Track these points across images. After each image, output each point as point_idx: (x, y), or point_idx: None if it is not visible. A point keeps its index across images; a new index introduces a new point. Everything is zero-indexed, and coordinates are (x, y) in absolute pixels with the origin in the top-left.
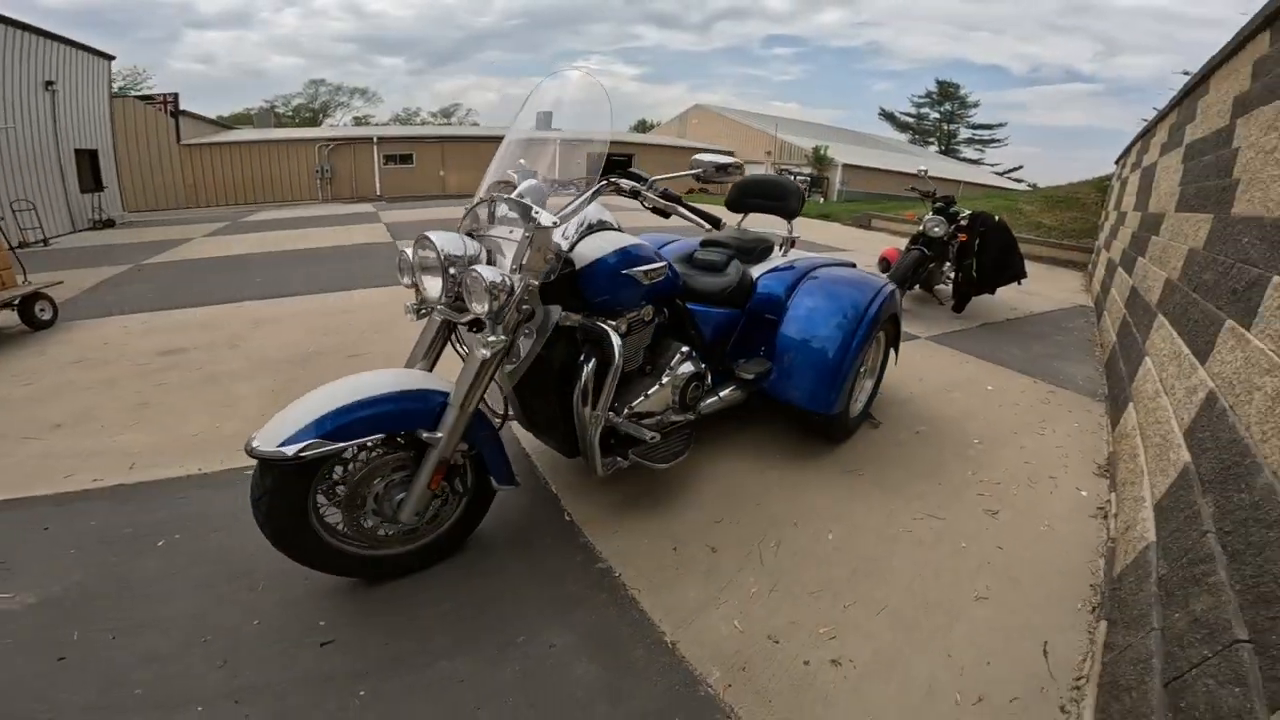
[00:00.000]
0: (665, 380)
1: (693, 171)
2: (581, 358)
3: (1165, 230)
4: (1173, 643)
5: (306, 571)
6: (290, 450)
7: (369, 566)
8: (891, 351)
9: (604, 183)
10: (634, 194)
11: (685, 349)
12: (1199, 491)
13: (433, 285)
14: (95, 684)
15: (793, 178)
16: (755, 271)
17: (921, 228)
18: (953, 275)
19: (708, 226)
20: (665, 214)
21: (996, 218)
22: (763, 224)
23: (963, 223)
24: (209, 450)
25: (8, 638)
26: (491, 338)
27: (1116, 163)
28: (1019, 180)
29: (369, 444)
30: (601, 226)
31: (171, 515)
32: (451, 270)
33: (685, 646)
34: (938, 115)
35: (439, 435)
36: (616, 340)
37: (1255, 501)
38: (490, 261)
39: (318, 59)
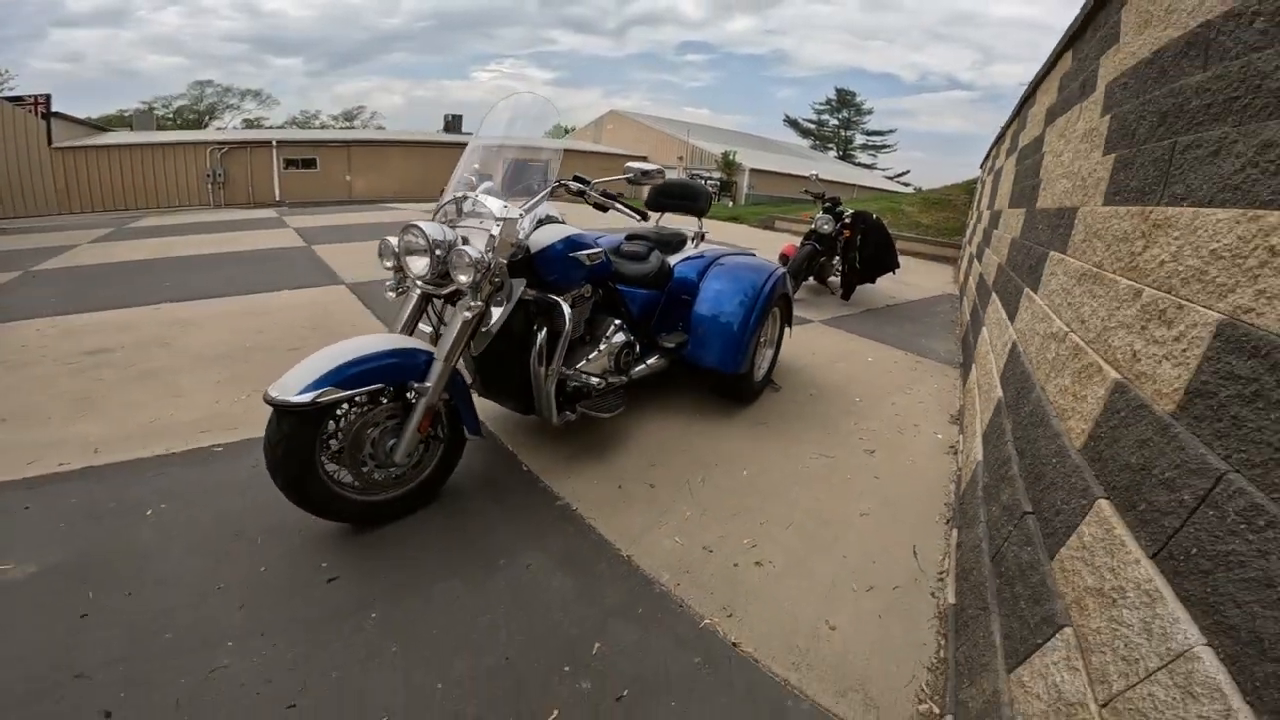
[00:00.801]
0: (603, 348)
1: (624, 176)
2: (535, 327)
3: (1002, 224)
4: (993, 528)
5: (300, 525)
6: (308, 397)
7: (365, 511)
8: (786, 327)
9: (557, 184)
10: (580, 193)
11: (617, 322)
12: (1004, 415)
13: (418, 265)
14: (123, 636)
15: (704, 182)
16: (672, 260)
17: (813, 225)
18: (841, 268)
19: (637, 218)
20: (604, 209)
21: (875, 216)
22: (677, 222)
23: (847, 220)
24: (170, 435)
25: (23, 603)
26: (473, 302)
27: (981, 167)
28: (906, 184)
29: (361, 398)
30: (549, 220)
31: (151, 490)
32: (437, 252)
33: (639, 559)
34: (836, 122)
35: (428, 385)
36: (567, 310)
37: (1030, 411)
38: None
39: (201, 59)
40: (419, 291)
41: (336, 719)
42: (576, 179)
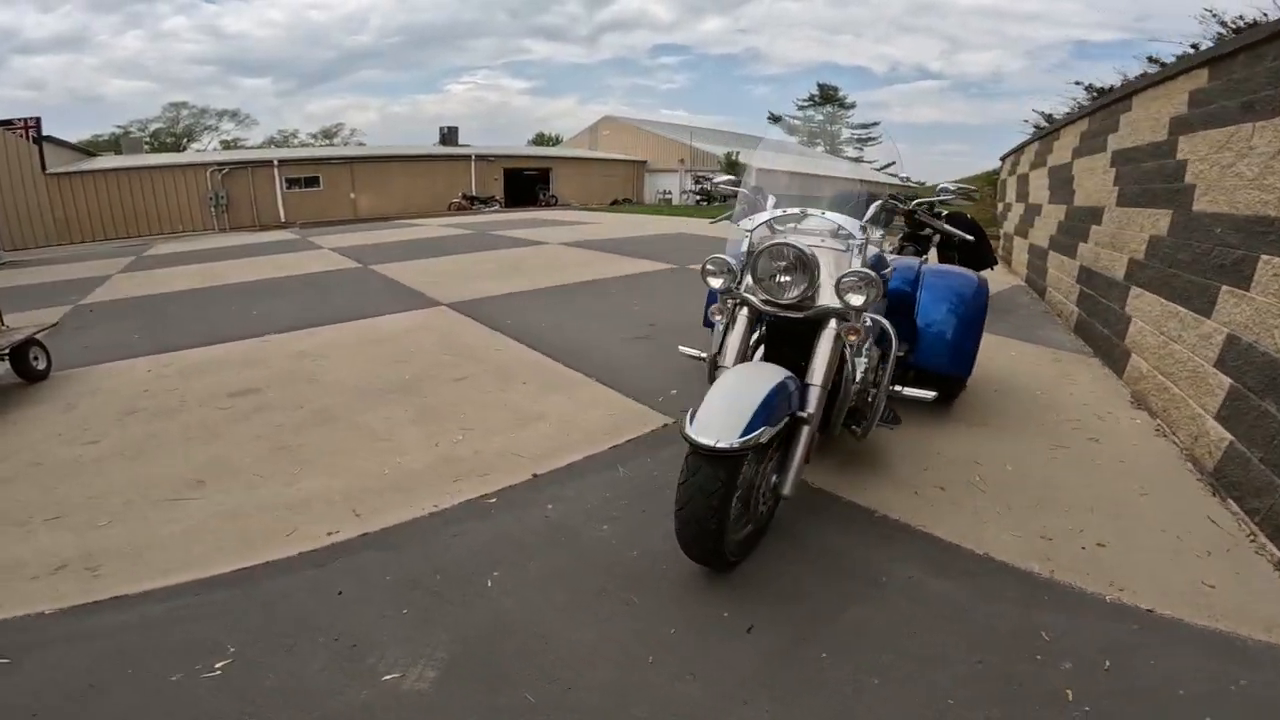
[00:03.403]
0: (865, 361)
1: (944, 196)
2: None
3: (1108, 221)
4: None
5: (653, 576)
6: (749, 438)
7: (732, 551)
8: None
9: (885, 201)
10: (911, 213)
11: None
12: (1258, 398)
13: (792, 285)
14: None
15: (710, 185)
16: None
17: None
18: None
19: (960, 236)
20: (922, 225)
21: (969, 217)
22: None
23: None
24: (420, 488)
25: (464, 716)
26: (857, 324)
27: (1002, 160)
28: (893, 175)
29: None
30: None
31: (461, 555)
32: (815, 272)
33: (995, 554)
34: (821, 117)
35: (811, 411)
36: (890, 327)
37: None
38: None
39: (167, 82)
40: (746, 312)
41: None
42: (893, 199)
